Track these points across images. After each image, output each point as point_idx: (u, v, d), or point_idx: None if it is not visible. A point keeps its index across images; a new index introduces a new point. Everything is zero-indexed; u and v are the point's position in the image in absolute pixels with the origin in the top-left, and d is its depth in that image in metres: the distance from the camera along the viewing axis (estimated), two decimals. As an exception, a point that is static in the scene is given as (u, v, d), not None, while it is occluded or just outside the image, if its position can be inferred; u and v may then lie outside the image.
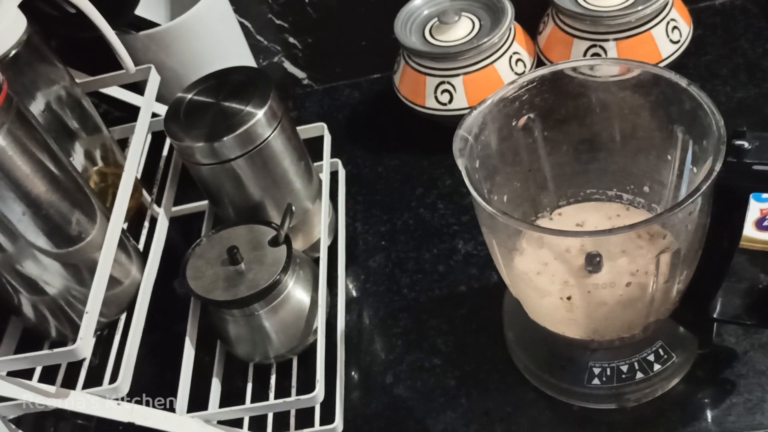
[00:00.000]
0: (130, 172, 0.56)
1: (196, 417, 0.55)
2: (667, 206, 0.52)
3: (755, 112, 0.70)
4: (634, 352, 0.53)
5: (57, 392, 0.48)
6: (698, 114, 0.44)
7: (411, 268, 0.68)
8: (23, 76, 0.55)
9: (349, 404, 0.60)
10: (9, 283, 0.51)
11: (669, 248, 0.46)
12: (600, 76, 0.50)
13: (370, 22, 0.85)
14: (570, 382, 0.54)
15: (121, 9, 0.69)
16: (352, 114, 0.87)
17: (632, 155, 0.52)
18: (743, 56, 0.75)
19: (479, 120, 0.48)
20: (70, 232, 0.51)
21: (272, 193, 0.63)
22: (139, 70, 0.63)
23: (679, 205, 0.40)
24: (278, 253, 0.58)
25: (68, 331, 0.55)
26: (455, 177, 0.74)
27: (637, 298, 0.48)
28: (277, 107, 0.60)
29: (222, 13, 0.78)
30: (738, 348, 0.55)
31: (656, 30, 0.70)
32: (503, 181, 0.52)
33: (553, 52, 0.75)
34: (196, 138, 0.58)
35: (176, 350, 0.58)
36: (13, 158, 0.46)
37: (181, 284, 0.58)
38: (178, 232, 0.74)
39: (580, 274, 0.50)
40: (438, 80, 0.73)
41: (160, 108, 0.69)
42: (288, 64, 0.90)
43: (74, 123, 0.61)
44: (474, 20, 0.74)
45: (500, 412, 0.56)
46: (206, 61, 0.74)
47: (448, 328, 0.63)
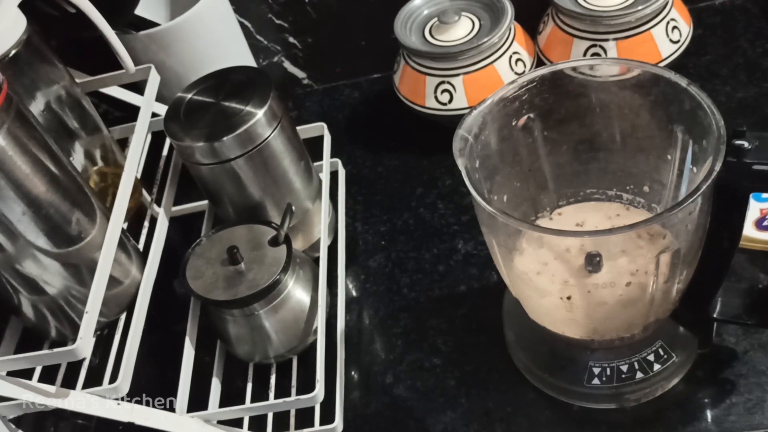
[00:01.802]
0: (130, 172, 0.56)
1: (196, 417, 0.55)
2: (667, 206, 0.52)
3: (755, 112, 0.70)
4: (634, 351, 0.53)
5: (57, 392, 0.48)
6: (698, 114, 0.44)
7: (411, 268, 0.68)
8: (23, 76, 0.55)
9: (349, 404, 0.60)
10: (9, 283, 0.51)
11: (669, 248, 0.46)
12: (600, 76, 0.50)
13: (370, 22, 0.85)
14: (570, 382, 0.54)
15: (121, 9, 0.69)
16: (352, 114, 0.87)
17: (632, 155, 0.52)
18: (743, 56, 0.75)
19: (479, 120, 0.48)
20: (70, 232, 0.51)
21: (272, 193, 0.63)
22: (139, 70, 0.63)
23: (679, 205, 0.40)
24: (278, 253, 0.58)
25: (68, 331, 0.55)
26: (455, 177, 0.74)
27: (637, 298, 0.49)
28: (277, 107, 0.60)
29: (222, 13, 0.78)
30: (738, 348, 0.55)
31: (656, 30, 0.70)
32: (503, 181, 0.52)
33: (553, 52, 0.75)
34: (196, 138, 0.58)
35: (176, 350, 0.58)
36: (13, 158, 0.46)
37: (181, 284, 0.58)
38: (178, 232, 0.74)
39: (580, 273, 0.50)
40: (438, 80, 0.73)
41: (160, 108, 0.69)
42: (288, 64, 0.90)
43: (74, 123, 0.61)
44: (474, 20, 0.74)
45: (500, 412, 0.56)
46: (206, 61, 0.74)
47: (448, 328, 0.63)
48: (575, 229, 0.54)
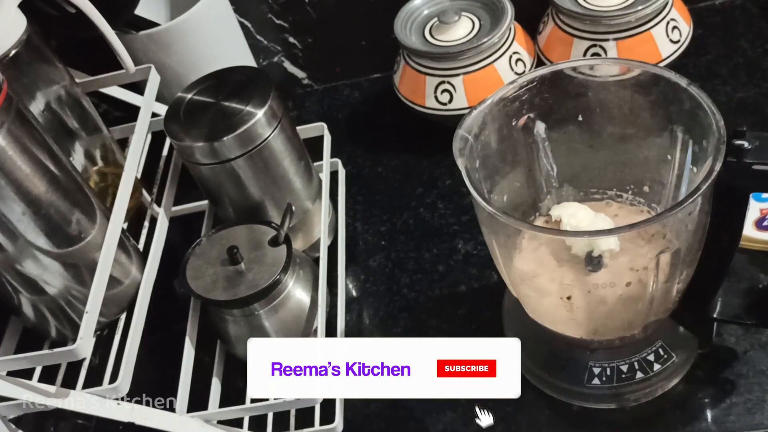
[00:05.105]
0: (130, 171, 0.56)
1: (196, 417, 0.55)
2: (667, 206, 0.52)
3: (755, 112, 0.70)
4: (634, 351, 0.53)
5: (57, 392, 0.48)
6: (698, 114, 0.44)
7: (411, 268, 0.68)
8: (23, 76, 0.55)
9: (349, 404, 0.60)
10: (9, 283, 0.51)
11: (669, 248, 0.46)
12: (600, 76, 0.50)
13: (370, 22, 0.85)
14: (570, 382, 0.55)
15: (121, 9, 0.69)
16: (352, 114, 0.87)
17: (632, 155, 0.52)
18: (743, 56, 0.75)
19: (479, 120, 0.48)
20: (70, 232, 0.51)
21: (272, 193, 0.63)
22: (139, 70, 0.63)
23: (679, 205, 0.40)
24: (278, 253, 0.58)
25: (68, 331, 0.55)
26: (455, 177, 0.74)
27: (637, 298, 0.49)
28: (277, 107, 0.60)
29: (222, 13, 0.78)
30: (738, 348, 0.55)
31: (656, 30, 0.70)
32: (503, 181, 0.52)
33: (553, 52, 0.75)
34: (196, 138, 0.58)
35: (176, 350, 0.58)
36: (13, 158, 0.46)
37: (181, 284, 0.58)
38: (178, 232, 0.74)
39: (580, 273, 0.50)
40: (438, 80, 0.73)
41: (160, 108, 0.69)
42: (288, 64, 0.90)
43: (74, 123, 0.61)
44: (474, 20, 0.74)
45: (500, 411, 0.56)
46: (206, 61, 0.74)
47: (448, 328, 0.63)
48: (575, 229, 0.54)
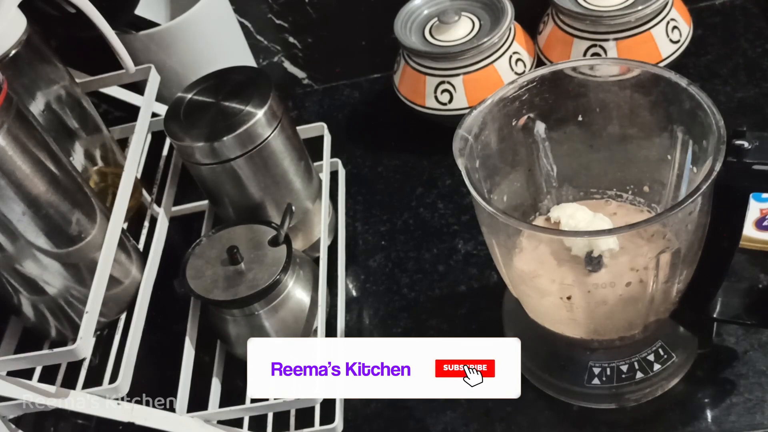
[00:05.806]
0: (130, 172, 0.56)
1: (196, 417, 0.55)
2: (667, 206, 0.52)
3: (755, 112, 0.70)
4: (634, 351, 0.53)
5: (57, 392, 0.48)
6: (698, 114, 0.44)
7: (411, 267, 0.68)
8: (23, 76, 0.55)
9: (349, 404, 0.60)
10: (9, 283, 0.51)
11: (669, 248, 0.46)
12: (600, 76, 0.50)
13: (370, 22, 0.85)
14: (570, 382, 0.55)
15: (121, 9, 0.69)
16: (352, 114, 0.87)
17: (632, 155, 0.52)
18: (743, 56, 0.75)
19: (479, 120, 0.48)
20: (70, 232, 0.51)
21: (272, 193, 0.63)
22: (139, 70, 0.63)
23: (679, 205, 0.40)
24: (278, 253, 0.58)
25: (68, 331, 0.55)
26: (455, 177, 0.74)
27: (637, 298, 0.49)
28: (277, 107, 0.60)
29: (222, 13, 0.78)
30: (738, 348, 0.55)
31: (656, 30, 0.70)
32: (503, 181, 0.52)
33: (553, 52, 0.75)
34: (196, 138, 0.58)
35: (176, 350, 0.58)
36: (13, 158, 0.46)
37: (181, 284, 0.58)
38: (178, 232, 0.74)
39: (580, 273, 0.50)
40: (438, 80, 0.73)
41: (160, 108, 0.69)
42: (288, 64, 0.90)
43: (74, 123, 0.61)
44: (474, 20, 0.74)
45: (500, 411, 0.56)
46: (206, 61, 0.74)
47: (448, 328, 0.63)
48: (575, 229, 0.54)
